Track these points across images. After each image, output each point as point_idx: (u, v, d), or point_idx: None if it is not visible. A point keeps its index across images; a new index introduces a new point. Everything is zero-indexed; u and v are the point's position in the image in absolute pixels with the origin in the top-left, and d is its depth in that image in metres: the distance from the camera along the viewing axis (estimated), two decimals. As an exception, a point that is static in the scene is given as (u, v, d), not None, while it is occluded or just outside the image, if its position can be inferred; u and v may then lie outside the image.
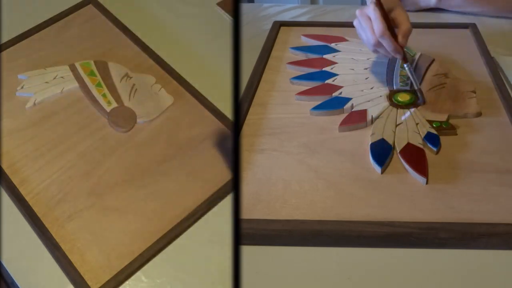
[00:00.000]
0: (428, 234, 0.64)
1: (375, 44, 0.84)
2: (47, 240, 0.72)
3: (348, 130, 0.82)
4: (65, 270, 0.70)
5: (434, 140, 0.77)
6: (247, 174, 0.74)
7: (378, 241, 0.65)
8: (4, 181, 0.78)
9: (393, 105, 0.85)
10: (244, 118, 0.84)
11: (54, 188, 0.78)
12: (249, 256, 0.64)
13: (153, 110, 0.88)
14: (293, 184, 0.72)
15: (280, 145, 0.79)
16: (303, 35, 1.06)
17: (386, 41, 0.82)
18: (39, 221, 0.74)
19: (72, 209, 0.76)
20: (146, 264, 0.71)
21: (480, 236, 0.64)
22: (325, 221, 0.66)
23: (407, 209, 0.68)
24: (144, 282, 0.70)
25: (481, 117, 0.83)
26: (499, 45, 1.02)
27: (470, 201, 0.69)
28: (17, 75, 0.93)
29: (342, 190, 0.71)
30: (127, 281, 0.70)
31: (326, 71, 0.95)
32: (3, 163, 0.81)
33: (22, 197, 0.76)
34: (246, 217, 0.67)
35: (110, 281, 0.68)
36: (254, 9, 1.24)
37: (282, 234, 0.65)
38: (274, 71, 0.96)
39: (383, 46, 0.84)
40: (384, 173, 0.73)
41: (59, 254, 0.71)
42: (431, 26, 1.09)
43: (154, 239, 0.73)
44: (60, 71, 0.93)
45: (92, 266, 0.70)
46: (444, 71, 0.93)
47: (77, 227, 0.74)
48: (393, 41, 0.83)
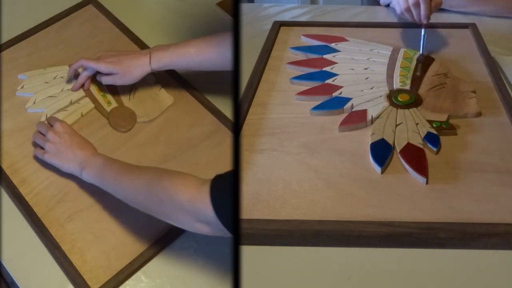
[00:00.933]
0: (428, 234, 0.64)
1: (408, 8, 0.95)
2: (47, 240, 0.72)
3: (348, 130, 0.81)
4: (65, 270, 0.70)
5: (434, 140, 0.77)
6: (247, 174, 0.74)
7: (378, 241, 0.65)
8: (4, 181, 0.78)
9: (393, 105, 0.85)
10: (244, 118, 0.84)
11: (54, 188, 0.78)
12: (249, 256, 0.64)
13: (153, 110, 0.88)
14: (293, 184, 0.72)
15: (280, 145, 0.79)
16: (303, 35, 1.06)
17: (425, 5, 0.92)
18: (39, 221, 0.74)
19: (72, 209, 0.76)
20: (146, 264, 0.71)
21: (480, 236, 0.64)
22: (325, 221, 0.66)
23: (407, 209, 0.68)
24: (144, 282, 0.70)
25: (481, 117, 0.83)
26: (499, 45, 1.02)
27: (470, 201, 0.69)
28: (17, 75, 0.93)
29: (342, 190, 0.71)
30: (127, 281, 0.70)
31: (326, 71, 0.95)
32: (3, 163, 0.81)
33: (22, 197, 0.76)
34: (246, 217, 0.67)
35: (110, 281, 0.69)
36: (254, 9, 1.23)
37: (282, 234, 0.65)
38: (274, 71, 0.96)
39: (417, 8, 0.93)
40: (384, 173, 0.73)
41: (59, 254, 0.71)
42: (431, 26, 1.09)
43: (154, 239, 0.73)
44: (60, 71, 0.93)
45: (92, 266, 0.70)
46: (444, 71, 0.93)
47: (77, 227, 0.74)
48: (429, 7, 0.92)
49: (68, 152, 0.75)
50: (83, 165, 0.73)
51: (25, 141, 0.84)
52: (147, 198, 0.65)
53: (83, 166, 0.73)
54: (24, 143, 0.83)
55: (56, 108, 0.87)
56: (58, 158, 0.76)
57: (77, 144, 0.76)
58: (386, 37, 1.04)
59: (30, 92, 0.90)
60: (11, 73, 0.93)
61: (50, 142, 0.77)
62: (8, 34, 0.99)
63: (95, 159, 0.73)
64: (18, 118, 0.87)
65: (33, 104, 0.88)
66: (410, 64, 0.94)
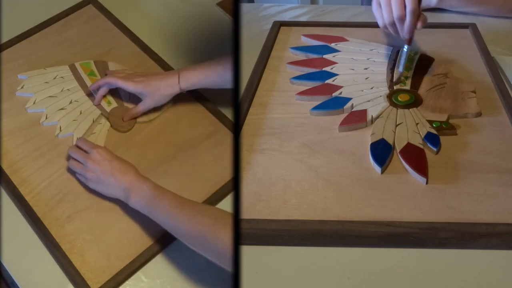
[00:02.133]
0: (428, 234, 0.64)
1: (392, 22, 0.86)
2: (47, 240, 0.72)
3: (348, 130, 0.81)
4: (65, 270, 0.70)
5: (434, 140, 0.77)
6: (247, 174, 0.74)
7: (378, 241, 0.65)
8: (4, 181, 0.79)
9: (393, 105, 0.85)
10: (244, 118, 0.84)
11: (54, 188, 0.78)
12: (249, 256, 0.64)
13: (153, 110, 0.88)
14: (293, 184, 0.72)
15: (280, 145, 0.79)
16: (303, 35, 1.06)
17: (411, 21, 0.83)
18: (39, 221, 0.74)
19: (72, 209, 0.76)
20: (146, 264, 0.71)
21: (480, 236, 0.64)
22: (325, 221, 0.66)
23: (407, 209, 0.68)
24: (144, 282, 0.70)
25: (481, 117, 0.83)
26: (499, 45, 1.02)
27: (470, 201, 0.69)
28: (17, 75, 0.93)
29: (342, 190, 0.71)
30: (127, 281, 0.70)
31: (326, 71, 0.95)
32: (3, 163, 0.81)
33: (22, 197, 0.76)
34: (246, 217, 0.67)
35: (110, 281, 0.69)
36: (254, 9, 1.23)
37: (282, 234, 0.65)
38: (274, 71, 0.96)
39: (401, 23, 0.85)
40: (384, 173, 0.73)
41: (59, 254, 0.71)
42: (431, 26, 1.09)
43: (154, 239, 0.73)
44: (60, 71, 0.93)
45: (92, 266, 0.70)
46: (444, 71, 0.93)
47: (77, 227, 0.74)
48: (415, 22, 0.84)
49: (110, 179, 0.73)
50: (128, 192, 0.71)
51: (25, 141, 0.84)
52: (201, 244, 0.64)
53: (128, 193, 0.71)
54: (24, 143, 0.83)
55: (56, 108, 0.87)
56: (101, 186, 0.74)
57: (118, 170, 0.73)
58: (386, 37, 1.04)
59: (30, 92, 0.90)
60: (11, 73, 0.93)
61: (90, 171, 0.75)
62: (8, 34, 0.99)
63: (140, 187, 0.71)
64: (18, 118, 0.87)
65: (33, 104, 0.88)
66: (410, 64, 0.94)
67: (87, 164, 0.75)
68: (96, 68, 0.94)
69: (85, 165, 0.76)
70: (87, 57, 0.96)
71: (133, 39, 0.99)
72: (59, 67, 0.94)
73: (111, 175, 0.73)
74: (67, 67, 0.94)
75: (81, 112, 0.87)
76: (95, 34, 1.00)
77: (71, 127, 0.85)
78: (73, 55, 0.96)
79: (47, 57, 0.96)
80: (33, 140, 0.84)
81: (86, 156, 0.76)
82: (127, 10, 1.05)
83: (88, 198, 0.77)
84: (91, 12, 1.04)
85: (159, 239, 0.73)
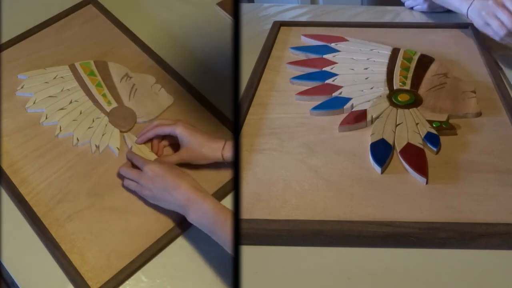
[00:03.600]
0: (428, 234, 0.64)
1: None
2: (47, 240, 0.72)
3: (348, 130, 0.82)
4: (65, 270, 0.70)
5: (434, 140, 0.77)
6: (247, 174, 0.74)
7: (378, 241, 0.65)
8: (4, 181, 0.78)
9: (393, 105, 0.85)
10: (244, 118, 0.84)
11: (54, 188, 0.78)
12: (249, 256, 0.64)
13: (153, 110, 0.88)
14: (293, 184, 0.72)
15: (280, 145, 0.79)
16: (303, 35, 1.06)
17: None
18: (39, 221, 0.74)
19: (72, 209, 0.76)
20: (146, 264, 0.71)
21: (480, 236, 0.64)
22: (325, 221, 0.66)
23: (407, 209, 0.68)
24: (144, 282, 0.70)
25: (481, 117, 0.83)
26: (499, 45, 1.02)
27: (470, 201, 0.69)
28: (17, 75, 0.93)
29: (342, 190, 0.71)
30: (127, 281, 0.70)
31: (326, 71, 0.95)
32: (3, 163, 0.81)
33: (22, 197, 0.76)
34: (246, 217, 0.67)
35: (110, 281, 0.68)
36: (254, 9, 1.24)
37: (282, 234, 0.65)
38: (274, 71, 0.96)
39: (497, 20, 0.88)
40: (384, 173, 0.74)
41: (59, 254, 0.71)
42: (431, 26, 1.09)
43: (154, 239, 0.73)
44: (60, 71, 0.93)
45: (92, 266, 0.70)
46: (444, 71, 0.93)
47: (77, 227, 0.74)
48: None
49: (165, 195, 0.71)
50: (186, 209, 0.69)
51: (25, 141, 0.84)
52: None
53: (186, 210, 0.69)
54: (24, 143, 0.83)
55: (56, 108, 0.87)
56: (160, 202, 0.73)
57: (171, 187, 0.71)
58: (386, 37, 1.04)
59: (30, 92, 0.90)
60: (11, 73, 0.93)
61: (145, 189, 0.74)
62: (8, 34, 0.99)
63: (199, 205, 0.68)
64: (18, 118, 0.87)
65: (33, 104, 0.88)
66: (410, 64, 0.94)
67: (141, 182, 0.74)
68: (96, 68, 0.94)
69: (139, 184, 0.75)
70: (87, 57, 0.96)
71: (133, 39, 0.99)
72: (59, 67, 0.94)
73: (166, 191, 0.71)
74: (67, 67, 0.94)
75: (81, 112, 0.87)
76: (95, 34, 1.00)
77: (71, 127, 0.85)
78: (73, 55, 0.96)
79: (47, 57, 0.96)
80: (33, 140, 0.84)
81: (138, 174, 0.75)
82: (127, 10, 1.05)
83: (88, 198, 0.77)
84: (91, 12, 1.04)
85: (159, 239, 0.73)
